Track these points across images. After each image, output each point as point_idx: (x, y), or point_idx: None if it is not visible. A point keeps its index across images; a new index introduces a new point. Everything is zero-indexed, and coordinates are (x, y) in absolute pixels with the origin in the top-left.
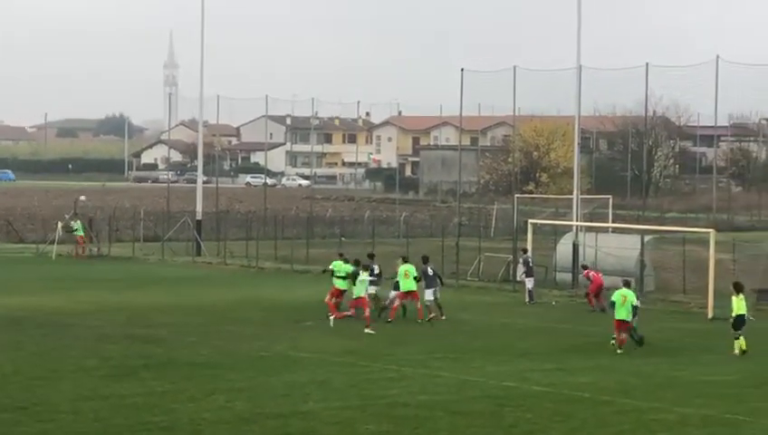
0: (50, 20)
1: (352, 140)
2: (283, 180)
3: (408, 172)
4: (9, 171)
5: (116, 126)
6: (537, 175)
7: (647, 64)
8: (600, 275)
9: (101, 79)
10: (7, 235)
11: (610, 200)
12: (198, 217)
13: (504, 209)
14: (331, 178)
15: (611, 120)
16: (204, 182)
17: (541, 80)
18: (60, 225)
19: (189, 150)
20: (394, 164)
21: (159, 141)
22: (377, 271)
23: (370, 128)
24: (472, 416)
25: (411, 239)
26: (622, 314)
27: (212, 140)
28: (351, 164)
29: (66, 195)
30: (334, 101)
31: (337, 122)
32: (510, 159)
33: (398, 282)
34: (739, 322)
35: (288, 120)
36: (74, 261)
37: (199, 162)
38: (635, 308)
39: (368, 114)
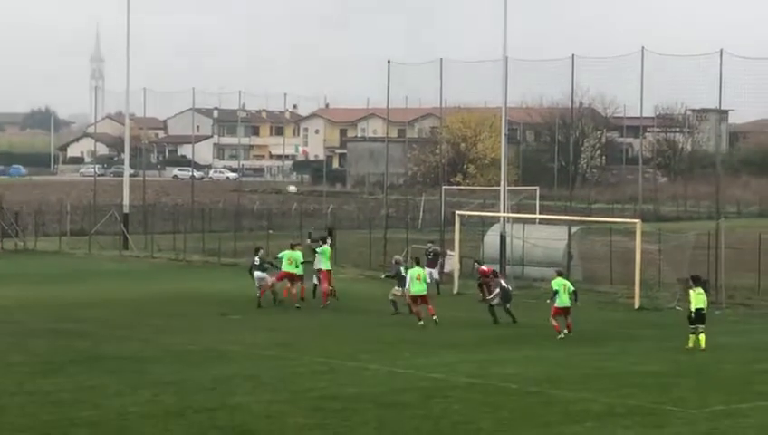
0: None
1: (280, 132)
2: (211, 173)
3: (335, 164)
4: (20, 166)
5: (42, 120)
6: (464, 166)
7: (572, 56)
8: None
9: (27, 72)
10: None
11: (537, 191)
12: (125, 210)
13: (431, 201)
14: (259, 171)
15: (538, 112)
16: (131, 175)
17: (468, 71)
18: None
19: (116, 144)
20: (321, 156)
21: (86, 135)
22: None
23: (298, 120)
24: (400, 407)
25: (339, 231)
26: (565, 300)
27: (139, 133)
28: (279, 156)
29: None
30: (261, 93)
31: (264, 115)
32: (437, 151)
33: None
34: (697, 316)
35: (215, 113)
36: (1, 256)
37: (126, 155)
38: (575, 293)
39: (295, 107)
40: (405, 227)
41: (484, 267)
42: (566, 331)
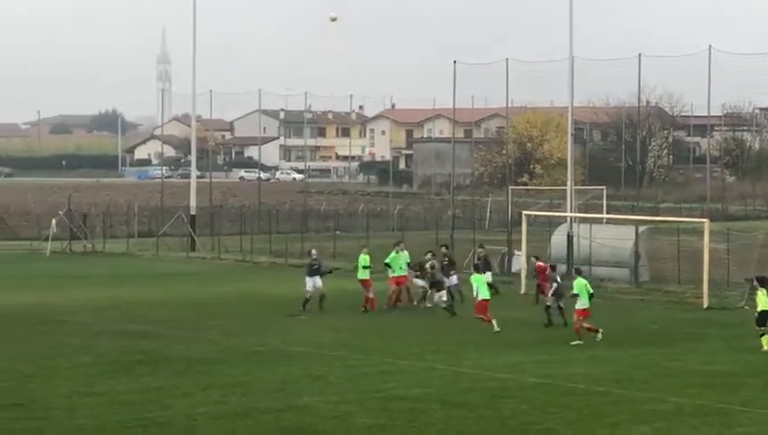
0: (42, 17)
1: (346, 133)
2: (277, 174)
3: (401, 165)
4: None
5: (109, 122)
6: (531, 167)
7: (639, 55)
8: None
9: (95, 75)
10: (1, 232)
11: (604, 191)
12: (192, 212)
13: (498, 201)
14: (325, 172)
15: (605, 111)
16: (197, 177)
17: (534, 71)
18: (54, 221)
19: (183, 145)
20: (388, 157)
21: (153, 137)
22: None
23: (364, 121)
24: (467, 408)
25: (405, 232)
26: (586, 302)
27: (205, 135)
28: (345, 157)
29: (60, 191)
30: (327, 94)
31: (330, 116)
32: (503, 151)
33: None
34: (762, 317)
35: (281, 115)
36: (69, 257)
37: (193, 157)
38: (592, 295)
39: (361, 108)
40: (472, 227)
41: (541, 263)
42: (597, 335)
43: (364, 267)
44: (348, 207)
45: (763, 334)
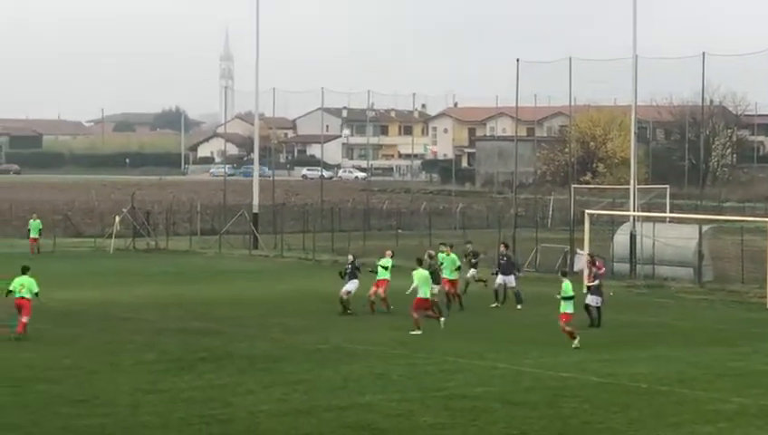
0: (106, 16)
1: (408, 131)
2: (340, 172)
3: (464, 163)
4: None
5: (172, 120)
6: (594, 165)
7: (703, 54)
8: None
9: (158, 73)
10: (65, 229)
11: (668, 190)
12: (255, 210)
13: (560, 200)
14: (388, 170)
15: (668, 110)
16: (260, 175)
17: (597, 70)
18: (117, 219)
19: (246, 143)
20: (450, 155)
21: (216, 135)
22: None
23: (426, 119)
24: (529, 407)
25: (468, 231)
26: (571, 306)
27: (268, 133)
28: (407, 156)
29: (124, 189)
30: (390, 92)
31: (393, 114)
32: (566, 150)
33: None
34: None
35: (344, 113)
36: (132, 255)
37: (255, 155)
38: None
39: (423, 106)
40: (534, 226)
41: (599, 263)
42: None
43: (384, 268)
44: (410, 206)
45: None
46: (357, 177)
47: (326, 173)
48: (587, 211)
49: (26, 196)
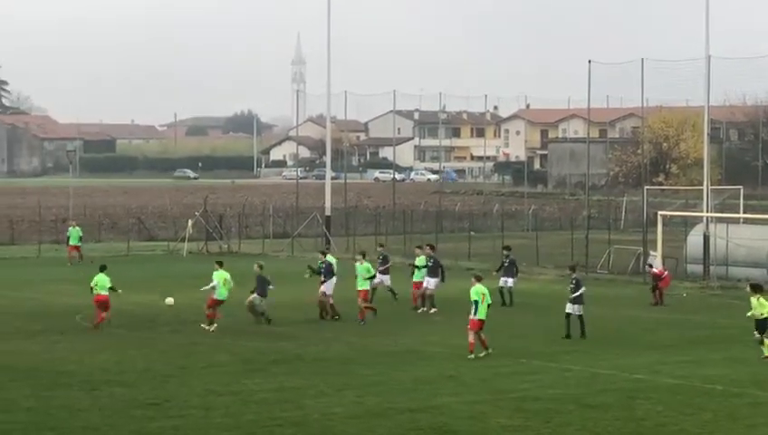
0: (177, 20)
1: (480, 133)
2: (412, 175)
3: (536, 165)
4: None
5: (245, 123)
6: (667, 166)
7: None
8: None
9: (230, 77)
10: (139, 233)
11: (741, 191)
12: (327, 212)
13: (633, 201)
14: (460, 173)
15: (742, 110)
16: (332, 178)
17: (669, 70)
18: (190, 223)
19: (318, 147)
20: (522, 157)
21: (288, 138)
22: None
23: (498, 121)
24: (603, 409)
25: (540, 233)
26: (483, 313)
27: (340, 136)
28: (480, 158)
29: (196, 193)
30: (462, 94)
31: (465, 116)
32: (639, 151)
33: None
34: (763, 324)
35: (416, 115)
36: (205, 258)
37: (328, 158)
38: (489, 305)
39: (495, 108)
40: (607, 228)
41: (656, 270)
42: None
43: (418, 267)
44: (482, 208)
45: (762, 341)
46: (429, 179)
47: (398, 175)
48: (660, 212)
49: (101, 200)
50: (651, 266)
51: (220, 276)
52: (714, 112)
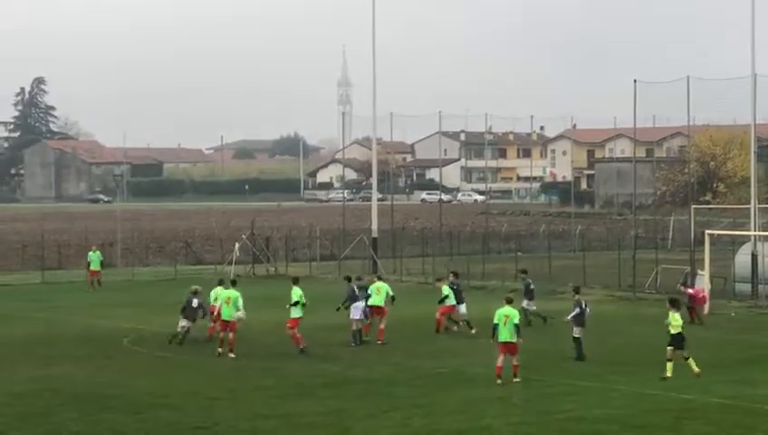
0: (223, 44)
1: (527, 154)
2: (459, 196)
3: (583, 185)
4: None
5: (291, 146)
6: (714, 185)
7: None
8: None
9: (276, 100)
10: (186, 256)
11: None
12: (374, 234)
13: (680, 221)
14: (506, 193)
15: None
16: (379, 200)
17: (715, 88)
18: (237, 245)
19: (364, 168)
20: (569, 177)
21: (334, 160)
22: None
23: (544, 142)
24: (649, 429)
25: (587, 253)
26: (505, 335)
27: (386, 158)
28: (526, 178)
29: (243, 215)
30: (507, 115)
31: (511, 137)
32: (686, 170)
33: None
34: (678, 340)
35: (462, 136)
36: (252, 281)
37: (374, 180)
38: (517, 326)
39: (542, 128)
40: (654, 247)
41: (691, 290)
42: (498, 379)
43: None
44: (529, 228)
45: (687, 358)
46: (476, 200)
47: (445, 197)
48: (707, 232)
49: (147, 224)
50: (685, 286)
51: (225, 295)
52: (761, 130)
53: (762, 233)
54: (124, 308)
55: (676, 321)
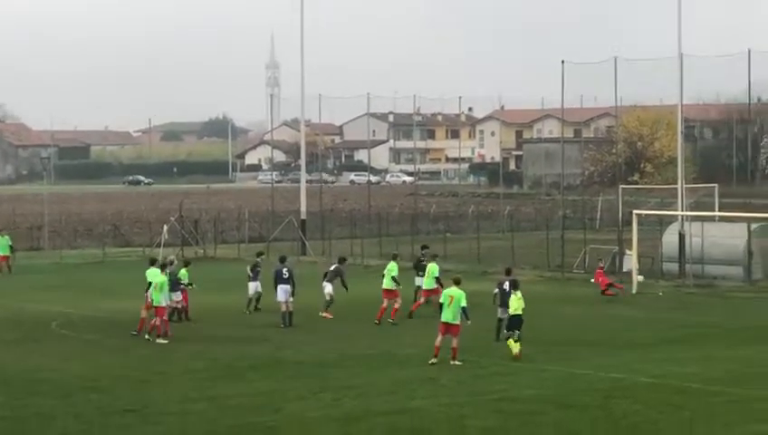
0: (152, 28)
1: (455, 135)
2: (387, 177)
3: (511, 166)
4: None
5: (219, 128)
6: (642, 165)
7: (749, 51)
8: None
9: (204, 82)
10: (115, 239)
11: (716, 189)
12: (303, 216)
13: (608, 201)
14: (435, 174)
15: (715, 108)
16: (308, 181)
17: (642, 69)
18: (165, 228)
19: (293, 150)
20: (497, 158)
21: (263, 142)
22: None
23: (473, 123)
24: (580, 409)
25: (516, 233)
26: (447, 316)
27: (315, 139)
28: (455, 159)
29: (171, 198)
30: (436, 96)
31: (439, 118)
32: (614, 150)
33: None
34: (515, 321)
35: (390, 118)
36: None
37: (302, 162)
38: (464, 309)
39: (470, 109)
40: (582, 227)
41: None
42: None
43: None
44: (458, 209)
45: (509, 338)
46: (404, 181)
47: (373, 178)
48: (635, 212)
49: (75, 207)
50: (602, 268)
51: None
52: (688, 111)
53: (689, 213)
54: (52, 291)
55: (515, 303)
